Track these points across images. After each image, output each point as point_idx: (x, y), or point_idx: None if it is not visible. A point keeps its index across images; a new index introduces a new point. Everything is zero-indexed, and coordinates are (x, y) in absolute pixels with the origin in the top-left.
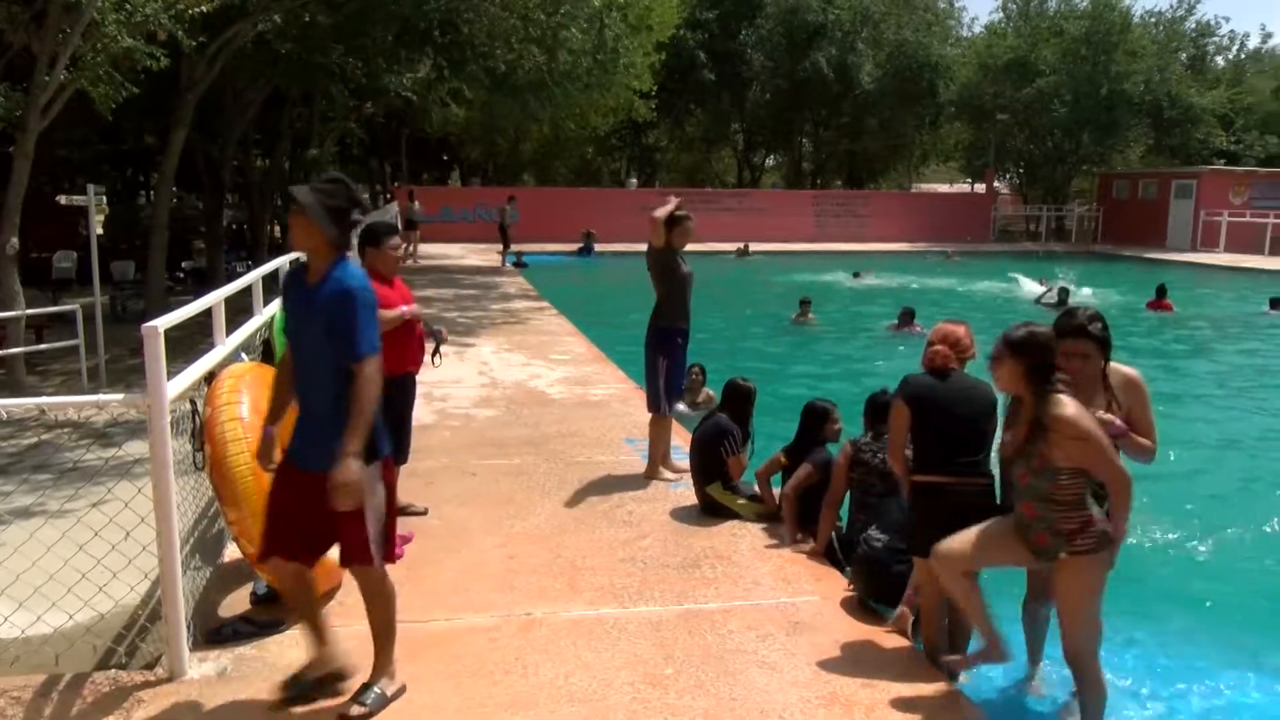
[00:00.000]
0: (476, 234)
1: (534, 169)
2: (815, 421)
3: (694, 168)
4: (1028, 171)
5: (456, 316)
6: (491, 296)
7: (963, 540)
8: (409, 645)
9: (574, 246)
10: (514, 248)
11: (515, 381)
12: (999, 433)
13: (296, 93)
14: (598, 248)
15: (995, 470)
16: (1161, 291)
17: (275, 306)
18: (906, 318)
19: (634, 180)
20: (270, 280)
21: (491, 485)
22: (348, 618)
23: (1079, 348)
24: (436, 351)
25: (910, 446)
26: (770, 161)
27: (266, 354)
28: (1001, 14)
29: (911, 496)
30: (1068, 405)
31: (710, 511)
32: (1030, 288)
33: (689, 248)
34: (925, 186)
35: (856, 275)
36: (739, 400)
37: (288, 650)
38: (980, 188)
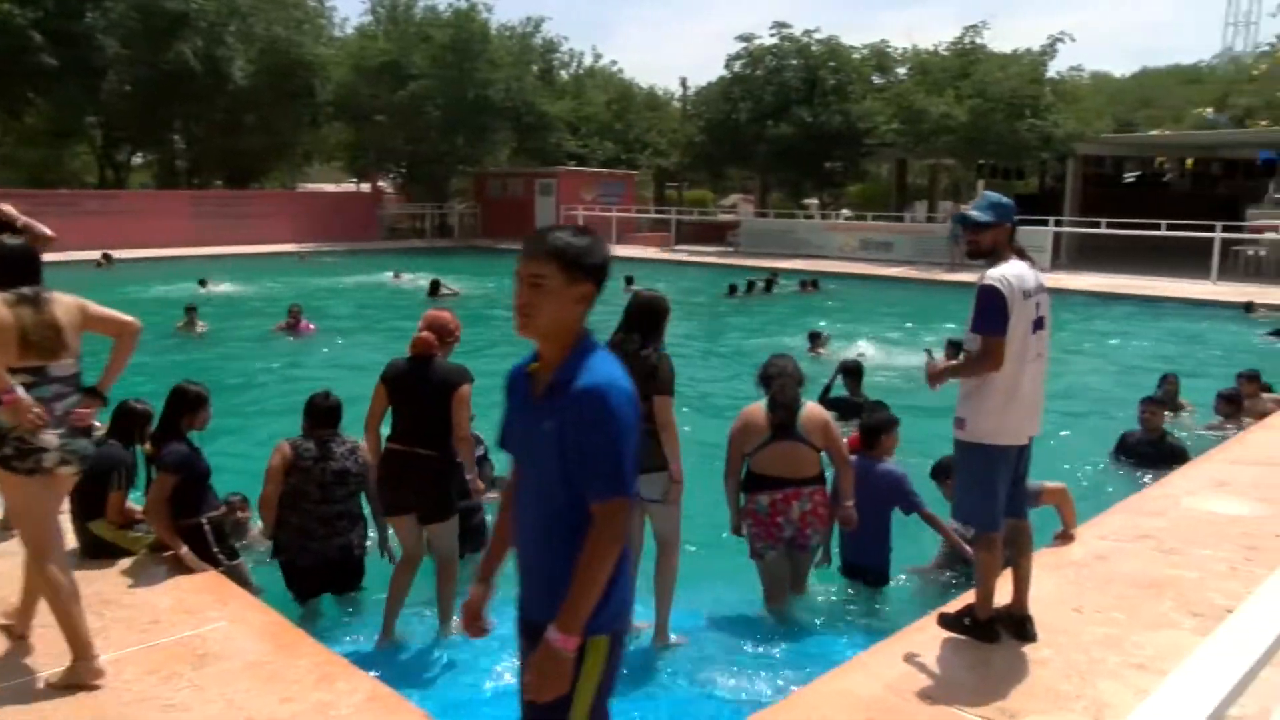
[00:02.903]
0: None
1: None
2: (174, 410)
3: (42, 165)
4: (409, 171)
5: None
6: None
7: None
8: None
9: None
10: None
11: None
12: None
13: None
14: None
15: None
16: None
17: None
18: (295, 317)
19: None
20: None
21: None
22: None
23: None
24: None
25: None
26: (139, 159)
27: None
28: (371, 17)
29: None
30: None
31: (96, 553)
32: (404, 279)
33: (46, 257)
34: (312, 186)
35: (203, 283)
36: (131, 423)
37: None
38: (366, 187)
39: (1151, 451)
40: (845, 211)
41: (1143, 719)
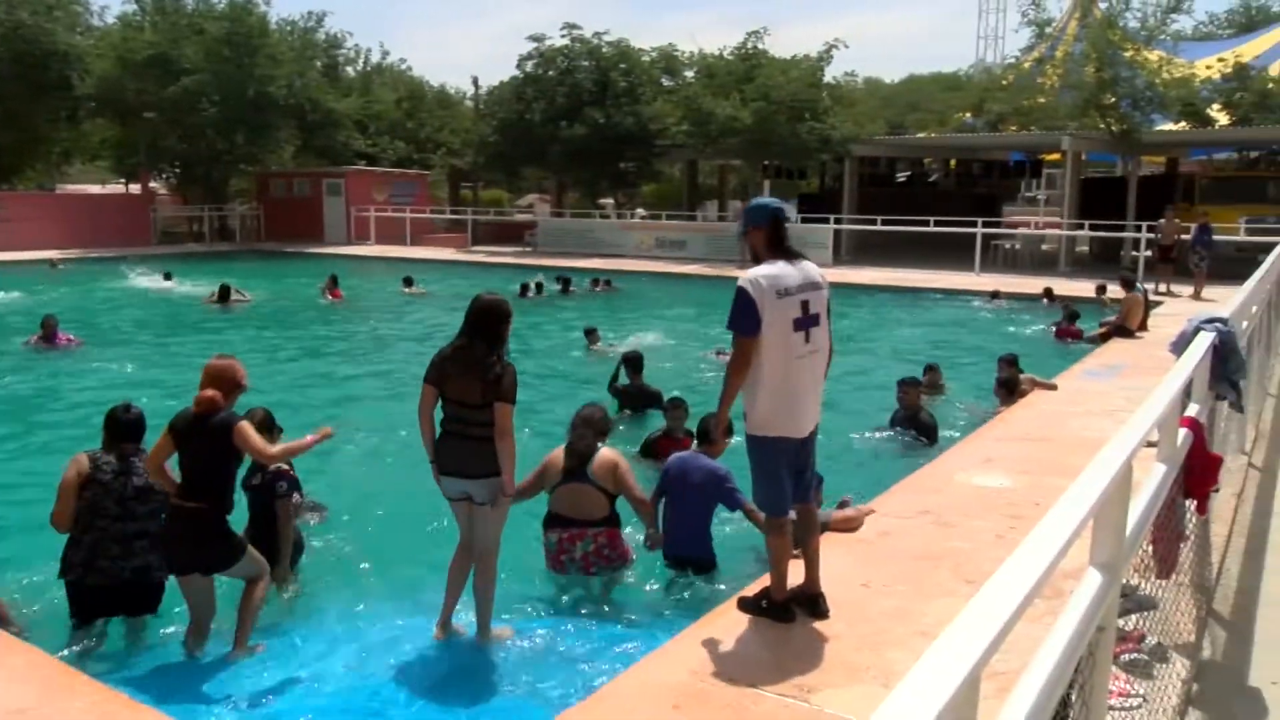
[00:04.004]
0: None
1: None
2: None
3: None
4: (184, 171)
5: None
6: None
7: None
8: None
9: None
10: None
11: None
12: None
13: None
14: None
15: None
16: (334, 281)
17: None
18: (49, 329)
19: None
20: None
21: None
22: None
23: None
24: None
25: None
26: None
27: None
28: (135, 6)
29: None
30: None
31: None
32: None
33: None
34: (74, 187)
35: None
36: None
37: None
38: (136, 188)
39: (911, 424)
40: (640, 211)
41: (915, 680)
